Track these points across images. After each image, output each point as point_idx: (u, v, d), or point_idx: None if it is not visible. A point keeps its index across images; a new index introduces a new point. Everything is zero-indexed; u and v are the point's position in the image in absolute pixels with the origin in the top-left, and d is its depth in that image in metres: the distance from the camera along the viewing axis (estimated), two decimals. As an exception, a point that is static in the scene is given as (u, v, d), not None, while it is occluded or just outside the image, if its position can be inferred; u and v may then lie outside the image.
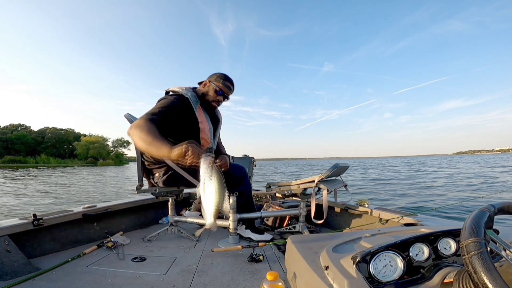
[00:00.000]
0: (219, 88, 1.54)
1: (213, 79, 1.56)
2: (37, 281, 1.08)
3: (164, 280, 1.10)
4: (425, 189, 8.14)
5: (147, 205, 2.07)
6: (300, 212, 1.72)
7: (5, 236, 1.20)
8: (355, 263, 0.55)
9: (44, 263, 1.25)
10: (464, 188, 8.34)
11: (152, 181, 1.64)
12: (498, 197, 5.42)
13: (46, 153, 56.28)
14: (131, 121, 1.58)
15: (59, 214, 1.48)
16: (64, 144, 62.48)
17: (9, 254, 1.15)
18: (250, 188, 1.72)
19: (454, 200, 6.06)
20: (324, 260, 0.64)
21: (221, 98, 1.58)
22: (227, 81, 1.55)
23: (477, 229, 0.44)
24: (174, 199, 1.70)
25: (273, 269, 1.21)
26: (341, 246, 0.71)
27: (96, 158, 55.75)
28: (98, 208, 1.68)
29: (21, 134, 57.25)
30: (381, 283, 0.56)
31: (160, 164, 1.56)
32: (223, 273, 1.17)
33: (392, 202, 6.14)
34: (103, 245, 1.47)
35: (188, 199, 2.36)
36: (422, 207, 5.10)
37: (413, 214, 1.44)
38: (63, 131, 65.78)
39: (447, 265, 0.60)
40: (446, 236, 0.67)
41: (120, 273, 1.17)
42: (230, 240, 1.57)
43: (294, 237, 0.83)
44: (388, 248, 0.59)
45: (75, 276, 1.14)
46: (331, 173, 1.56)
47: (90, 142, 57.13)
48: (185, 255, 1.40)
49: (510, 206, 0.52)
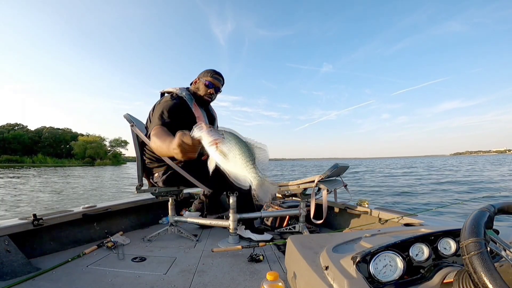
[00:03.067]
0: (208, 82, 1.59)
1: (202, 75, 1.61)
2: (37, 281, 1.08)
3: (164, 280, 1.10)
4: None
5: (147, 205, 2.06)
6: (300, 212, 1.72)
7: (5, 236, 1.19)
8: (355, 263, 0.56)
9: (44, 263, 1.25)
10: (469, 188, 8.33)
11: (152, 181, 1.64)
12: (499, 197, 5.44)
13: (43, 153, 55.99)
14: (130, 121, 1.58)
15: (59, 214, 1.48)
16: (61, 144, 62.20)
17: (9, 254, 1.15)
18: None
19: (454, 200, 6.08)
20: (324, 260, 0.64)
21: (212, 90, 1.61)
22: (215, 74, 1.60)
23: (477, 229, 0.45)
24: (174, 199, 1.70)
25: (273, 269, 1.21)
26: (341, 246, 0.71)
27: (94, 158, 55.57)
28: (98, 208, 1.68)
29: (17, 134, 56.90)
30: (381, 283, 0.56)
31: (160, 164, 1.56)
32: (223, 273, 1.17)
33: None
34: (103, 245, 1.47)
35: (188, 199, 2.36)
36: (422, 207, 5.12)
37: (413, 214, 1.45)
38: (60, 130, 65.50)
39: (447, 265, 0.60)
40: (446, 236, 0.67)
41: (120, 273, 1.17)
42: (230, 240, 1.57)
43: (294, 237, 0.83)
44: (388, 248, 0.59)
45: (75, 276, 1.14)
46: (331, 173, 1.57)
47: (87, 141, 56.91)
48: (185, 255, 1.40)
49: (510, 206, 0.53)
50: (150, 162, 1.59)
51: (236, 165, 0.68)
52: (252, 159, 0.69)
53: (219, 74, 1.63)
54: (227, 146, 0.67)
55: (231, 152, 0.67)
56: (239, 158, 0.67)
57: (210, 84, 1.59)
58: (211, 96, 1.63)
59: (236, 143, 0.68)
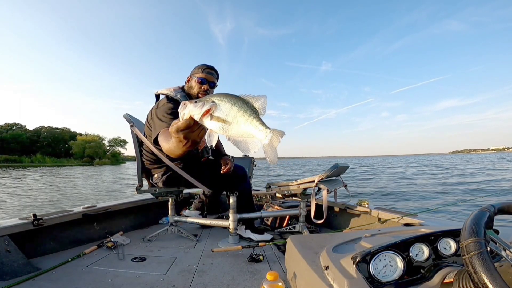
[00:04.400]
0: (200, 78, 1.51)
1: (194, 72, 1.54)
2: (37, 281, 1.08)
3: (164, 280, 1.10)
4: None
5: (147, 205, 2.06)
6: (300, 212, 1.73)
7: (5, 236, 1.19)
8: (355, 263, 0.56)
9: (44, 263, 1.25)
10: (466, 187, 8.34)
11: (152, 181, 1.64)
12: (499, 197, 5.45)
13: (41, 153, 55.85)
14: (130, 121, 1.58)
15: (59, 214, 1.47)
16: (60, 144, 62.09)
17: (9, 254, 1.15)
18: (250, 188, 1.73)
19: (454, 200, 6.08)
20: (324, 260, 0.64)
21: (206, 86, 1.53)
22: (207, 68, 1.53)
23: (477, 229, 0.45)
24: (174, 199, 1.70)
25: (273, 269, 1.22)
26: (341, 246, 0.71)
27: (92, 158, 55.52)
28: (98, 208, 1.68)
29: (16, 133, 56.76)
30: (381, 283, 0.56)
31: (160, 164, 1.56)
32: (223, 273, 1.17)
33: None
34: (103, 245, 1.47)
35: (188, 199, 2.36)
36: (422, 207, 5.13)
37: (413, 214, 1.45)
38: (58, 130, 65.34)
39: (447, 265, 0.60)
40: (446, 236, 0.67)
41: (120, 273, 1.17)
42: (230, 240, 1.57)
43: (294, 237, 0.83)
44: (388, 248, 0.60)
45: (75, 276, 1.14)
46: (331, 173, 1.57)
47: (86, 141, 56.86)
48: (185, 255, 1.40)
49: (510, 206, 0.53)
50: (150, 163, 1.58)
51: (239, 126, 0.58)
52: (255, 112, 0.58)
53: (212, 67, 1.55)
54: (223, 111, 0.57)
55: (230, 115, 0.57)
56: (240, 117, 0.57)
57: (203, 80, 1.51)
58: (206, 93, 1.54)
59: (232, 103, 0.57)
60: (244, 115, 0.57)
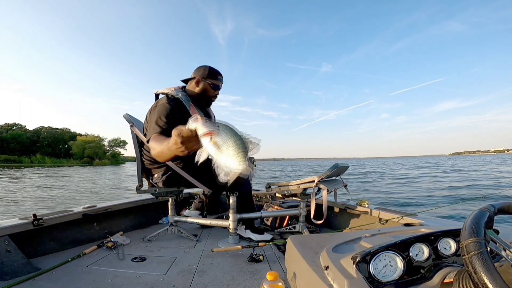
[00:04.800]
0: (214, 85, 1.61)
1: (205, 76, 1.58)
2: (37, 281, 1.08)
3: (164, 280, 1.10)
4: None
5: (147, 205, 2.06)
6: (300, 212, 1.73)
7: (5, 236, 1.19)
8: (355, 263, 0.55)
9: (44, 263, 1.25)
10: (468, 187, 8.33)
11: (152, 181, 1.64)
12: (499, 197, 5.46)
13: (41, 153, 55.90)
14: (130, 121, 1.58)
15: (59, 214, 1.47)
16: (60, 144, 62.11)
17: (9, 254, 1.15)
18: (250, 188, 1.73)
19: (454, 200, 6.09)
20: (324, 260, 0.64)
21: (218, 92, 1.67)
22: (219, 75, 1.63)
23: (477, 229, 0.44)
24: (174, 199, 1.70)
25: (273, 269, 1.22)
26: (341, 246, 0.71)
27: (92, 158, 55.53)
28: (98, 208, 1.68)
29: (16, 134, 56.78)
30: (381, 283, 0.56)
31: (160, 164, 1.56)
32: (223, 273, 1.17)
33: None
34: (103, 245, 1.47)
35: (188, 199, 2.36)
36: (422, 207, 5.13)
37: (413, 214, 1.45)
38: (58, 130, 65.37)
39: (447, 265, 0.60)
40: (446, 236, 0.67)
41: (120, 273, 1.17)
42: (230, 240, 1.57)
43: (294, 237, 0.83)
44: (388, 248, 0.59)
45: (75, 276, 1.13)
46: (331, 173, 1.57)
47: (86, 141, 56.87)
48: (185, 255, 1.40)
49: (510, 206, 0.53)
50: (150, 163, 1.58)
51: (228, 157, 0.66)
52: (245, 151, 0.67)
53: (221, 75, 1.66)
54: (221, 138, 0.66)
55: (225, 144, 0.66)
56: (232, 150, 0.66)
57: (216, 86, 1.63)
58: (216, 97, 1.68)
59: (231, 135, 0.67)
60: (235, 150, 0.66)
